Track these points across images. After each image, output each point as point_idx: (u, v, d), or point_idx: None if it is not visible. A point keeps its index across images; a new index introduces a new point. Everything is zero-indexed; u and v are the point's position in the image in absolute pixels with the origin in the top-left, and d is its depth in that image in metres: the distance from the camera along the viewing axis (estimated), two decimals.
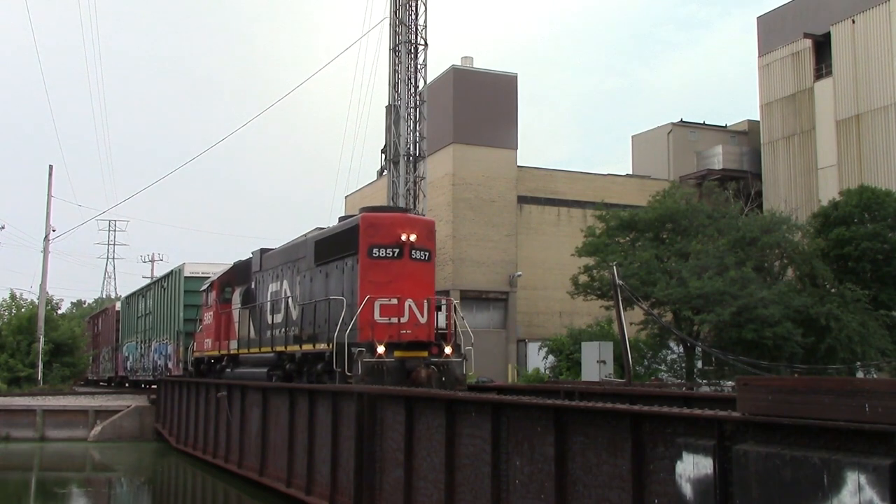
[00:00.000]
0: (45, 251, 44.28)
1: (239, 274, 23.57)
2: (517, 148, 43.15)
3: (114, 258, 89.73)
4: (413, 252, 16.11)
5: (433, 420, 11.52)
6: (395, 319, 15.66)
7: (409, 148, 29.74)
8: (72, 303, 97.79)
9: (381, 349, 14.95)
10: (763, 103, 46.93)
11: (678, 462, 7.15)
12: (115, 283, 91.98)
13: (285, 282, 19.70)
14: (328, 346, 15.71)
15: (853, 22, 41.71)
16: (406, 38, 29.33)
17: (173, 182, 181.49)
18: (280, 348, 18.76)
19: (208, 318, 24.71)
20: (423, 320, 16.04)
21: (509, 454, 9.84)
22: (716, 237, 28.97)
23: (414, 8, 29.56)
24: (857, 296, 27.82)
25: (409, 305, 15.84)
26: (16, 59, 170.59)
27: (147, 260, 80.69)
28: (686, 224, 29.63)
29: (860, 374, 25.98)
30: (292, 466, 16.53)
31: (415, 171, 29.93)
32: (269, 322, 19.98)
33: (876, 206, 30.48)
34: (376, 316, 15.50)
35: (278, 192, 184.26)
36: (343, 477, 14.20)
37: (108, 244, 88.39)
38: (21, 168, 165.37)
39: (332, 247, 17.41)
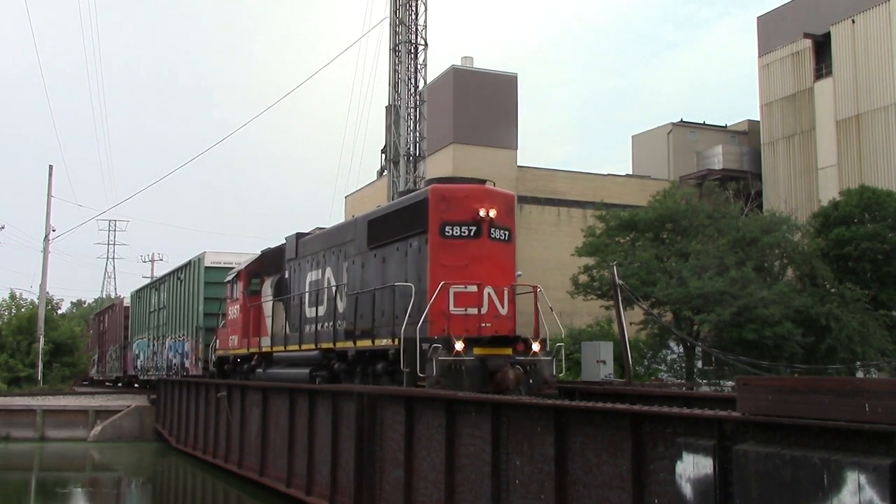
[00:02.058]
0: (45, 251, 44.30)
1: (269, 263, 21.28)
2: (517, 148, 43.17)
3: (114, 258, 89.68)
4: (492, 230, 13.83)
5: (433, 420, 11.52)
6: (473, 310, 13.34)
7: (409, 148, 29.73)
8: (72, 303, 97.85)
9: (459, 345, 12.52)
10: (763, 103, 46.93)
11: (678, 462, 7.15)
12: (115, 283, 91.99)
13: (328, 269, 17.48)
14: (392, 341, 13.52)
15: (853, 22, 41.70)
16: (406, 38, 29.32)
17: (173, 182, 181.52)
18: (326, 345, 16.43)
19: (234, 312, 22.35)
20: (503, 311, 13.79)
21: (509, 454, 9.83)
22: (716, 237, 28.98)
23: (414, 8, 29.55)
24: (857, 296, 27.83)
25: (489, 294, 13.56)
26: (16, 60, 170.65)
27: (147, 260, 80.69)
28: (686, 224, 29.64)
29: (860, 374, 25.99)
30: (292, 466, 16.53)
31: (415, 171, 29.91)
32: (311, 315, 17.82)
33: (876, 206, 30.48)
34: (450, 306, 13.29)
35: (278, 192, 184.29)
36: (343, 477, 14.20)
37: (108, 244, 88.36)
38: (21, 168, 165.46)
39: (392, 226, 15.02)
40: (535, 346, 13.41)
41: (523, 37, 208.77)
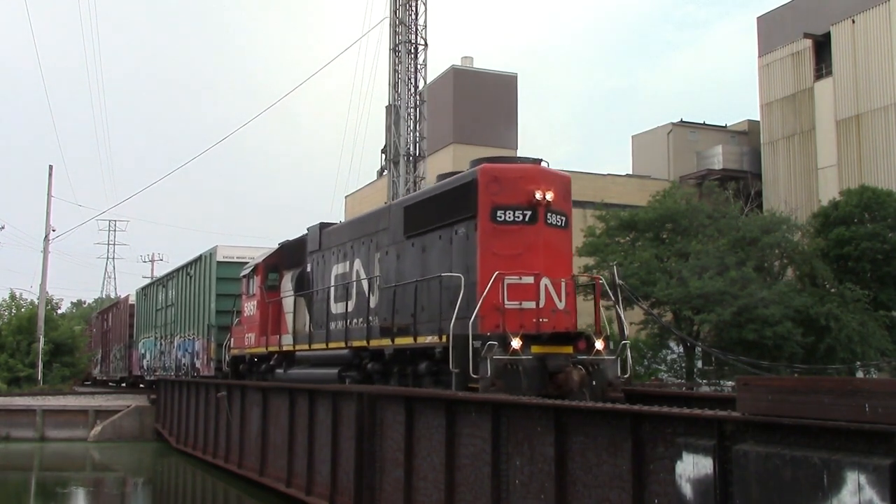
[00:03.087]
0: (45, 251, 44.32)
1: (288, 256, 19.97)
2: (517, 148, 43.18)
3: (114, 258, 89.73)
4: (548, 215, 12.48)
5: (433, 420, 11.52)
6: (529, 304, 12.01)
7: (409, 148, 29.74)
8: (72, 303, 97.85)
9: (516, 343, 11.15)
10: (763, 103, 46.93)
11: (678, 462, 7.15)
12: (115, 283, 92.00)
13: (357, 261, 16.15)
14: (439, 338, 12.17)
15: (853, 22, 41.70)
16: (406, 38, 29.32)
17: (173, 182, 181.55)
18: (358, 343, 15.06)
19: (250, 308, 20.97)
20: (560, 305, 12.48)
21: (509, 454, 9.84)
22: (716, 237, 29.00)
23: (414, 8, 29.55)
24: (857, 296, 27.84)
25: (545, 285, 12.18)
26: (16, 60, 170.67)
27: (147, 260, 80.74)
28: (686, 224, 29.65)
29: (860, 374, 26.00)
30: (292, 466, 16.53)
31: (415, 171, 29.92)
32: (338, 311, 16.47)
33: (876, 206, 30.50)
34: (504, 299, 11.92)
35: (278, 192, 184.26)
36: (343, 477, 14.20)
37: (108, 244, 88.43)
38: (21, 168, 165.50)
39: (434, 211, 13.65)
40: (599, 344, 12.05)
41: (523, 37, 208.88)
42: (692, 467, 7.00)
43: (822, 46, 43.87)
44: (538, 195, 12.30)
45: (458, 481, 10.79)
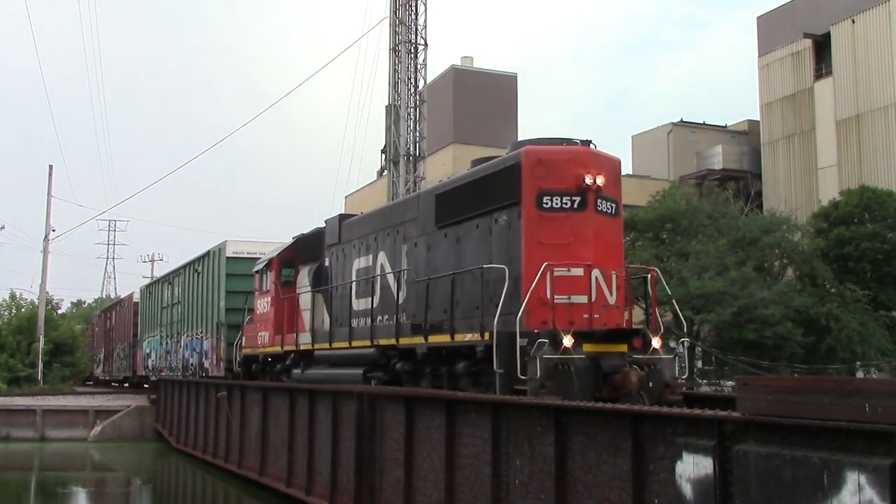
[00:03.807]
0: (45, 251, 44.35)
1: (304, 250, 19.02)
2: None
3: (114, 258, 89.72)
4: (599, 202, 11.54)
5: (433, 420, 11.52)
6: (579, 298, 11.08)
7: (409, 148, 29.74)
8: (72, 303, 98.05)
9: (568, 341, 10.29)
10: (763, 103, 46.94)
11: (678, 462, 7.15)
12: (115, 283, 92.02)
13: (381, 254, 15.21)
14: (480, 336, 11.16)
15: (853, 22, 41.71)
16: (406, 38, 29.32)
17: (173, 182, 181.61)
18: (386, 341, 14.01)
19: (263, 305, 19.99)
20: (611, 300, 11.55)
21: (509, 454, 9.84)
22: (716, 237, 29.01)
23: (414, 8, 29.55)
24: (857, 296, 27.84)
25: (596, 278, 11.28)
26: (16, 60, 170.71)
27: (147, 260, 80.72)
28: (686, 224, 29.66)
29: (860, 374, 26.01)
30: (292, 466, 16.53)
31: (415, 171, 29.93)
32: (360, 308, 15.51)
33: (876, 206, 30.51)
34: (551, 293, 10.87)
35: (278, 192, 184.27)
36: (343, 477, 14.20)
37: (108, 244, 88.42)
38: (21, 168, 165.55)
39: (470, 199, 12.64)
40: (656, 342, 11.09)
41: (523, 37, 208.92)
42: (692, 467, 7.00)
43: (822, 46, 43.88)
44: (588, 179, 11.33)
45: (458, 481, 10.79)
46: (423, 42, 29.80)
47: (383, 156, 33.81)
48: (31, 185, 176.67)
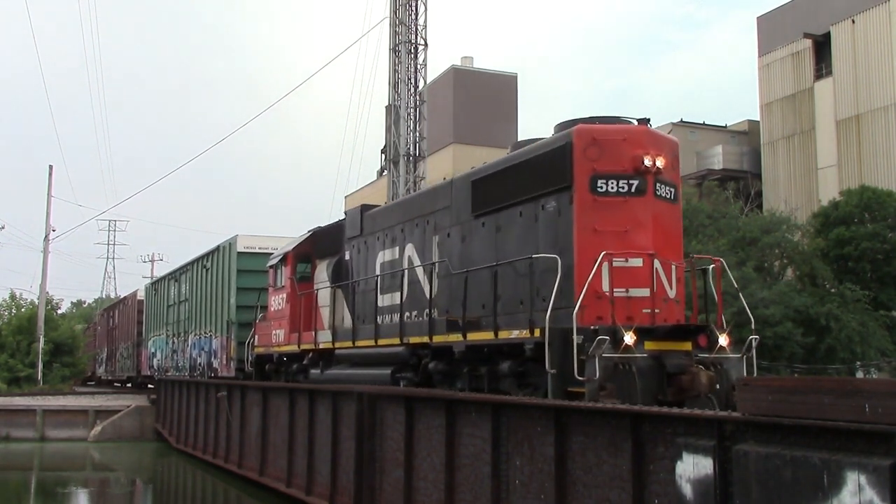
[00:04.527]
0: (45, 251, 44.38)
1: (322, 243, 18.10)
2: None
3: (114, 258, 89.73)
4: (658, 186, 10.65)
5: (433, 420, 11.51)
6: (639, 292, 10.20)
7: (409, 148, 29.74)
8: (72, 303, 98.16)
9: (629, 338, 9.40)
10: (763, 103, 46.94)
11: (678, 462, 7.15)
12: (115, 283, 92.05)
13: (409, 246, 14.25)
14: (529, 332, 10.18)
15: (853, 22, 41.70)
16: (406, 38, 29.32)
17: (173, 182, 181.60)
18: (417, 339, 12.97)
19: (278, 302, 19.04)
20: (671, 293, 10.69)
21: (509, 454, 9.83)
22: (716, 237, 29.00)
23: (414, 8, 29.55)
24: (857, 296, 27.84)
25: (656, 269, 10.36)
26: (16, 60, 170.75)
27: (147, 260, 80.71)
28: (686, 224, 29.58)
29: (860, 374, 26.00)
30: (292, 466, 16.53)
31: (415, 171, 29.93)
32: (386, 304, 14.59)
33: (876, 206, 30.51)
34: (606, 286, 9.93)
35: (277, 192, 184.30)
36: (343, 477, 14.20)
37: (108, 244, 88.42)
38: (21, 168, 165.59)
39: (513, 183, 11.69)
40: (723, 340, 10.28)
41: (523, 37, 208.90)
42: (692, 467, 7.00)
43: (822, 46, 43.87)
44: (647, 161, 10.42)
45: (458, 481, 10.79)
46: (423, 42, 29.80)
47: (383, 156, 33.82)
48: (31, 185, 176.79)
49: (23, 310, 41.98)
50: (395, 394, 12.74)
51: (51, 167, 45.43)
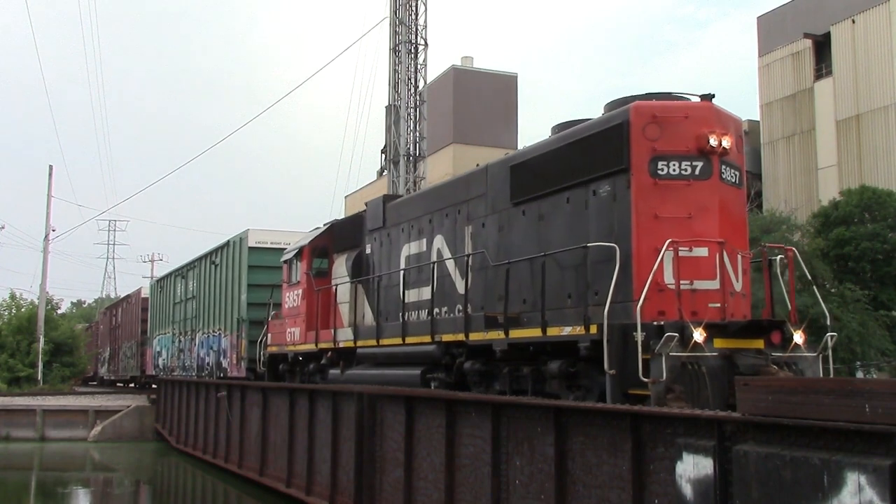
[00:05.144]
0: (45, 251, 44.37)
1: (340, 237, 17.30)
2: (517, 148, 43.14)
3: (114, 258, 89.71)
4: (724, 169, 9.91)
5: (433, 420, 11.51)
6: (704, 284, 9.34)
7: (409, 148, 29.73)
8: (72, 303, 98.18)
9: (699, 335, 8.51)
10: (763, 103, 46.91)
11: (678, 462, 7.15)
12: (115, 283, 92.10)
13: (439, 237, 13.38)
14: (583, 329, 9.27)
15: (853, 22, 41.69)
16: (406, 38, 29.30)
17: (173, 182, 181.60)
18: (451, 337, 12.06)
19: (293, 298, 18.18)
20: (738, 286, 9.87)
21: (509, 454, 9.83)
22: None
23: (414, 8, 29.54)
24: (857, 296, 27.81)
25: (721, 260, 9.46)
26: (16, 60, 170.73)
27: (147, 260, 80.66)
28: None
29: (860, 375, 25.98)
30: (292, 466, 16.54)
31: (415, 171, 29.91)
32: (413, 299, 13.74)
33: (876, 206, 30.51)
34: (670, 278, 9.10)
35: (278, 192, 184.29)
36: (343, 477, 14.20)
37: (108, 244, 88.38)
38: (21, 168, 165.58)
39: (560, 167, 10.80)
40: (798, 337, 9.40)
41: (523, 37, 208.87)
42: (692, 468, 7.00)
43: (822, 46, 43.85)
44: (712, 141, 9.63)
45: (458, 481, 10.79)
46: (423, 42, 29.79)
47: (383, 156, 33.81)
48: (31, 185, 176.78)
49: (23, 310, 41.95)
50: (395, 394, 12.74)
51: (51, 167, 45.49)
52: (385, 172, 33.58)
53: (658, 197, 9.58)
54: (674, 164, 9.67)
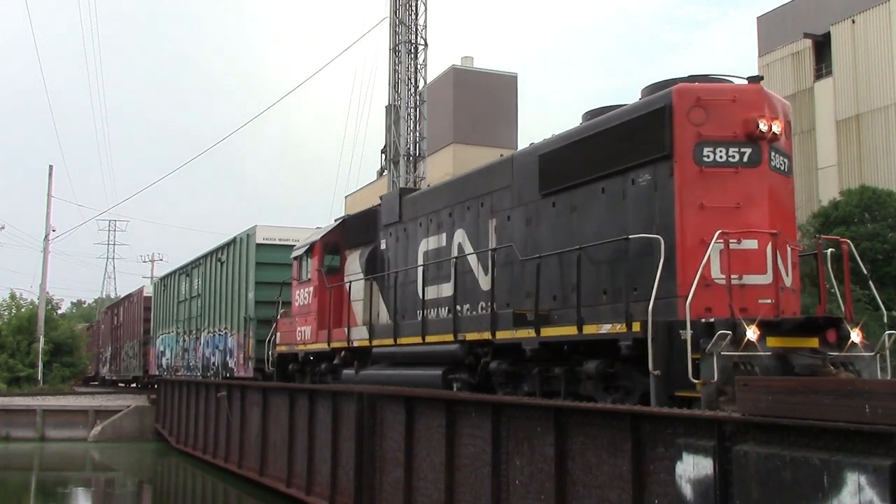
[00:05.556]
0: (45, 251, 44.36)
1: (353, 232, 16.78)
2: (517, 148, 43.14)
3: (114, 258, 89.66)
4: (772, 156, 9.30)
5: (433, 420, 11.51)
6: (756, 278, 8.79)
7: (409, 148, 29.73)
8: (72, 303, 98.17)
9: (752, 334, 7.94)
10: None
11: (678, 462, 7.15)
12: (115, 283, 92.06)
13: (459, 232, 12.84)
14: (626, 326, 8.71)
15: (853, 22, 41.68)
16: (406, 38, 29.30)
17: (173, 182, 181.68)
18: (475, 335, 11.45)
19: (304, 296, 17.65)
20: (787, 281, 9.38)
21: (509, 454, 9.83)
22: None
23: (414, 8, 29.54)
24: (857, 296, 27.81)
25: (772, 253, 8.93)
26: (16, 60, 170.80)
27: (147, 260, 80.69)
28: None
29: None
30: (292, 466, 16.54)
31: (415, 171, 29.92)
32: (433, 296, 13.25)
33: (876, 206, 30.51)
34: (717, 272, 8.60)
35: (278, 192, 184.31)
36: (343, 477, 14.20)
37: (108, 244, 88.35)
38: (21, 168, 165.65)
39: (593, 156, 10.24)
40: (855, 336, 8.86)
41: (523, 37, 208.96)
42: (692, 468, 7.00)
43: (822, 46, 43.86)
44: (762, 125, 9.06)
45: (458, 481, 10.79)
46: (423, 42, 29.79)
47: (383, 156, 33.82)
48: (31, 185, 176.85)
49: (23, 310, 41.94)
50: (395, 394, 12.74)
51: (51, 167, 45.44)
52: (385, 172, 33.58)
53: (703, 185, 9.03)
54: (720, 151, 9.11)
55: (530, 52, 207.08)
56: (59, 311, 53.01)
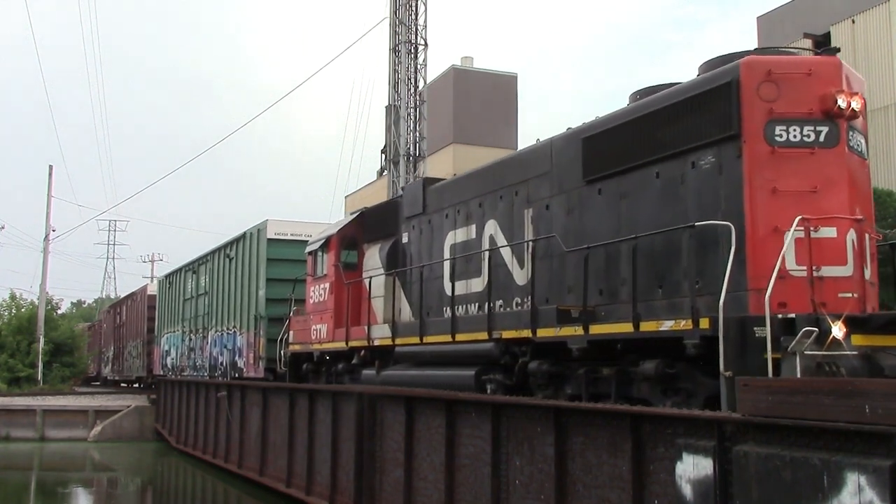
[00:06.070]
0: (45, 251, 44.35)
1: (372, 226, 16.05)
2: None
3: (114, 258, 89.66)
4: (850, 136, 8.46)
5: (433, 420, 11.51)
6: (834, 270, 7.96)
7: (409, 148, 29.74)
8: (72, 303, 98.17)
9: (838, 331, 7.15)
10: None
11: (678, 463, 7.15)
12: (115, 283, 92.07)
13: (491, 223, 11.99)
14: (690, 323, 7.81)
15: (853, 22, 41.69)
16: (406, 38, 29.30)
17: (173, 182, 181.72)
18: (513, 333, 10.45)
19: (319, 293, 16.88)
20: (867, 273, 8.38)
21: (509, 454, 9.83)
22: None
23: (414, 8, 29.54)
24: None
25: (852, 241, 8.08)
26: (16, 60, 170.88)
27: (147, 260, 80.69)
28: None
29: None
30: (292, 466, 16.54)
31: (415, 171, 29.92)
32: (464, 291, 12.34)
33: (876, 206, 30.50)
34: (791, 263, 7.82)
35: (278, 192, 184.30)
36: (343, 477, 14.20)
37: (108, 244, 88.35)
38: (21, 168, 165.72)
39: (647, 136, 9.35)
40: None
41: (524, 37, 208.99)
42: (692, 468, 6.99)
43: (822, 46, 43.87)
44: (841, 102, 8.17)
45: (458, 481, 10.79)
46: (423, 42, 29.78)
47: (383, 156, 33.79)
48: (31, 185, 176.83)
49: (23, 310, 41.95)
50: (395, 394, 12.73)
51: (51, 167, 45.40)
52: (385, 172, 33.57)
53: (776, 168, 8.17)
54: (794, 129, 8.24)
55: (530, 52, 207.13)
56: (59, 312, 53.00)
